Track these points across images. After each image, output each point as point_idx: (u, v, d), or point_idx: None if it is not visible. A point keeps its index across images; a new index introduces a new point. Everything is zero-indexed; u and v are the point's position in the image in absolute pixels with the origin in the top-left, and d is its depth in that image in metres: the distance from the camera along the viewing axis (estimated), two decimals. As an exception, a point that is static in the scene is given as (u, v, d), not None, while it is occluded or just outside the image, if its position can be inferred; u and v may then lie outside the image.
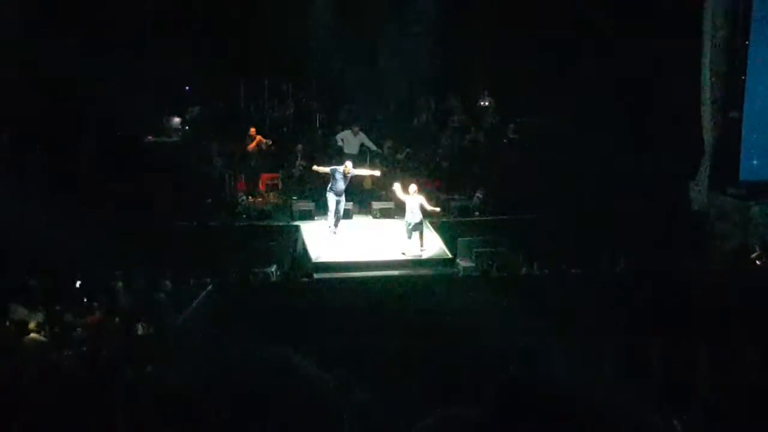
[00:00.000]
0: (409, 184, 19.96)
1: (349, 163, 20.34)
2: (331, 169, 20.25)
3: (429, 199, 20.10)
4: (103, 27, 21.66)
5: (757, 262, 19.36)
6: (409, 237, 19.77)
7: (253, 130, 23.85)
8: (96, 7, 22.09)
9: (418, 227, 19.68)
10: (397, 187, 20.03)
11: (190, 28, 23.54)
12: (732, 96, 22.14)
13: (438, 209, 20.37)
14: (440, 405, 1.92)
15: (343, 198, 20.38)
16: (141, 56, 21.75)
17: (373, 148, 23.70)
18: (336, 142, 23.79)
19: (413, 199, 19.60)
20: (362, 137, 23.51)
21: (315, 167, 20.91)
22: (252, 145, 23.64)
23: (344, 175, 20.10)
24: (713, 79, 21.75)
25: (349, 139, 23.44)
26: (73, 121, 20.41)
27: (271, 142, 24.02)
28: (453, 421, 1.82)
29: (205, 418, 1.79)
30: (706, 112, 21.96)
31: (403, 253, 19.89)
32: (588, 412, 1.83)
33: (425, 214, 19.66)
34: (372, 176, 22.18)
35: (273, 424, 1.77)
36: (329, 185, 20.27)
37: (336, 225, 20.44)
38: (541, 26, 22.67)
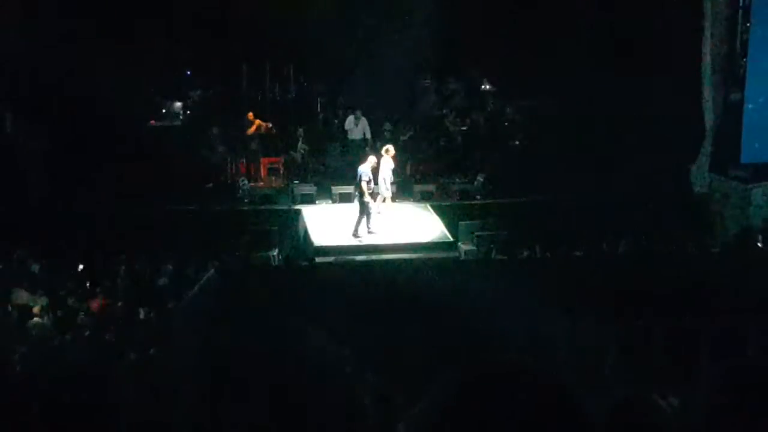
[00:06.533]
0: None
1: (372, 159, 20.22)
2: (363, 176, 19.72)
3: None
4: (104, 11, 21.64)
5: (758, 244, 19.37)
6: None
7: (251, 115, 23.81)
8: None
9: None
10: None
11: (191, 12, 23.47)
12: (733, 77, 22.10)
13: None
14: (439, 386, 1.93)
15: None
16: (142, 41, 21.71)
17: (368, 137, 23.56)
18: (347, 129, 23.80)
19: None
20: (364, 123, 23.43)
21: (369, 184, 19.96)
22: (252, 129, 23.60)
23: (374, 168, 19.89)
24: (714, 60, 21.69)
25: (352, 126, 23.39)
26: (75, 106, 20.38)
27: (271, 125, 23.97)
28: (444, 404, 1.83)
29: (213, 400, 1.80)
30: (707, 93, 21.91)
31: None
32: (588, 391, 1.85)
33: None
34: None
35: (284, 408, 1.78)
36: (369, 191, 19.74)
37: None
38: (540, 8, 22.67)
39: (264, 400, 1.78)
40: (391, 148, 20.56)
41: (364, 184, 19.51)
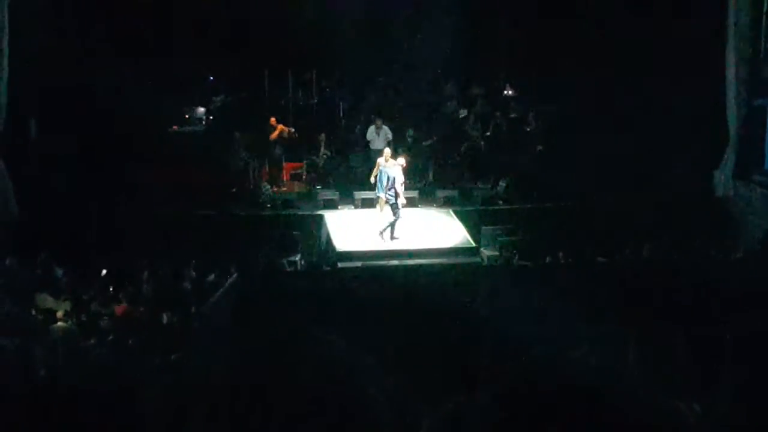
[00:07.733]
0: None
1: (387, 151, 20.45)
2: (398, 179, 19.82)
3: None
4: (128, 17, 21.77)
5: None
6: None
7: (273, 120, 23.86)
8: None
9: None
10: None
11: (215, 19, 23.58)
12: (757, 84, 21.97)
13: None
14: (461, 393, 1.93)
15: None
16: (166, 47, 21.82)
17: (390, 140, 23.43)
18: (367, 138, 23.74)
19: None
20: (386, 131, 23.34)
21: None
22: (274, 135, 23.65)
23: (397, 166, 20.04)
24: (738, 67, 21.58)
25: (374, 136, 23.32)
26: (99, 112, 20.49)
27: (294, 130, 24.02)
28: (468, 407, 1.83)
29: (234, 405, 1.81)
30: (731, 100, 21.81)
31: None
32: (609, 399, 1.85)
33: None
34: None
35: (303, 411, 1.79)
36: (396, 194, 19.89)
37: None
38: (562, 13, 22.65)
39: (281, 405, 1.79)
40: (387, 151, 20.50)
41: (398, 187, 19.54)
